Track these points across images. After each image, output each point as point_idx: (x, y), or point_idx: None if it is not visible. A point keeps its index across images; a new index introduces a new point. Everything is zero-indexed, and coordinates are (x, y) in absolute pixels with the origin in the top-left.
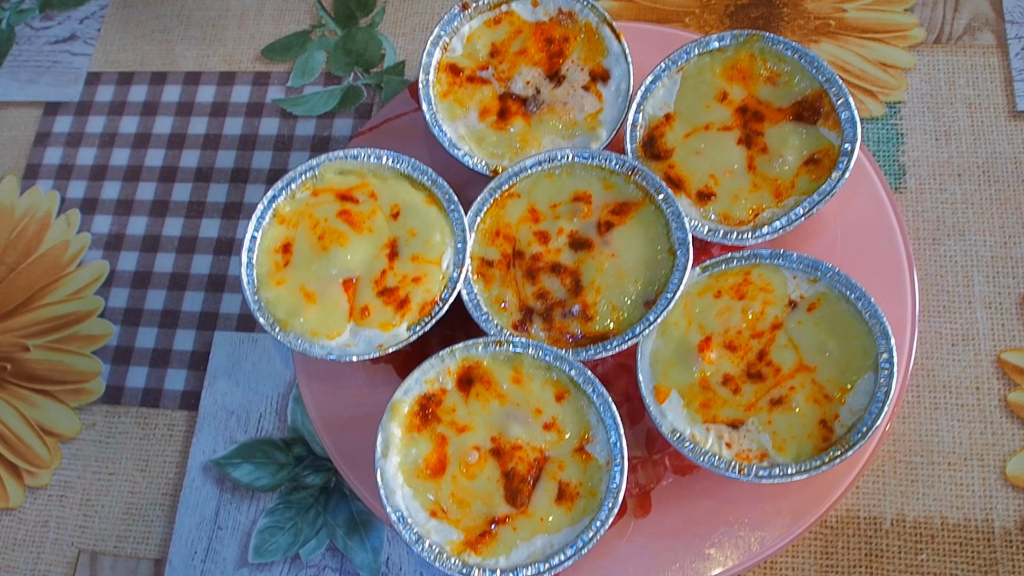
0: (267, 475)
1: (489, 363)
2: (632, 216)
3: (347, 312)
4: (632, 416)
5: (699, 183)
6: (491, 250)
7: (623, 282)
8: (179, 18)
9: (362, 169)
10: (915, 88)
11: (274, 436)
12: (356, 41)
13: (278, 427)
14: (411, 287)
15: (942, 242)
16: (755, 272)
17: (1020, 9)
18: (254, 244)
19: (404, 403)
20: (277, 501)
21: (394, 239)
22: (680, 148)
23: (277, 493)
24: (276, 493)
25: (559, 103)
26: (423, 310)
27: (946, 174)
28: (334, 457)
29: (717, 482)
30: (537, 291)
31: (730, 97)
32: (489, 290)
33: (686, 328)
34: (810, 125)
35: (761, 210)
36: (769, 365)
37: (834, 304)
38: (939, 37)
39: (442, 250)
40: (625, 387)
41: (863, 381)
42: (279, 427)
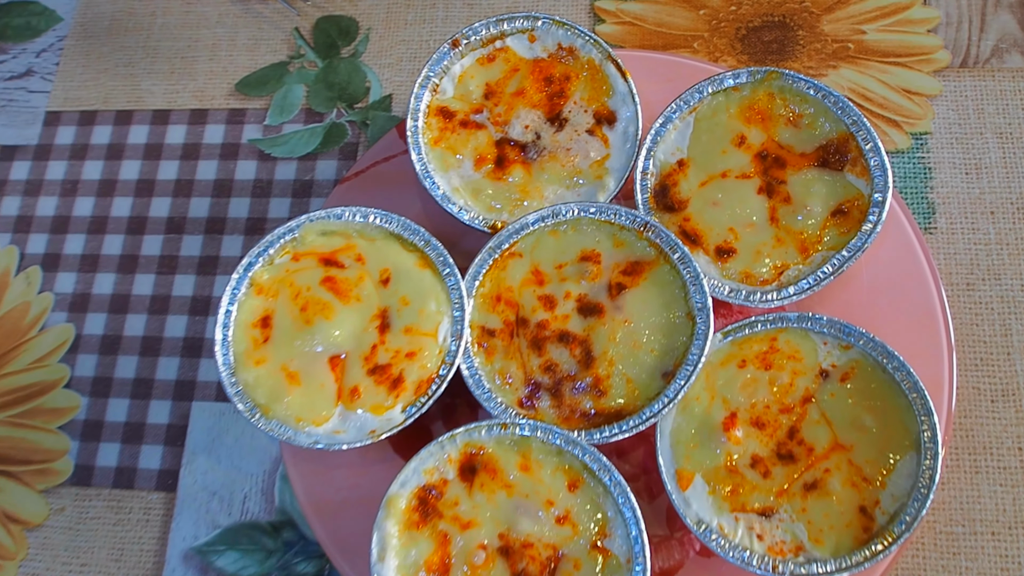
0: (254, 563)
1: (494, 449)
2: (646, 277)
3: (335, 394)
4: (651, 491)
5: (717, 238)
6: (492, 318)
7: (638, 352)
8: (145, 50)
9: (347, 229)
10: (942, 117)
11: (261, 519)
12: (338, 73)
13: (265, 508)
14: (405, 363)
15: (976, 287)
16: (782, 338)
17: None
18: (229, 319)
19: (401, 497)
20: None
21: (385, 309)
22: (696, 199)
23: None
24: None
25: (562, 149)
26: (419, 389)
27: (978, 212)
28: (326, 546)
29: None
30: (544, 363)
31: (748, 141)
32: (491, 363)
33: (709, 403)
34: (836, 172)
35: (786, 267)
36: (801, 444)
37: (870, 373)
38: (965, 60)
39: (438, 320)
40: (643, 458)
41: (905, 462)
42: (266, 508)
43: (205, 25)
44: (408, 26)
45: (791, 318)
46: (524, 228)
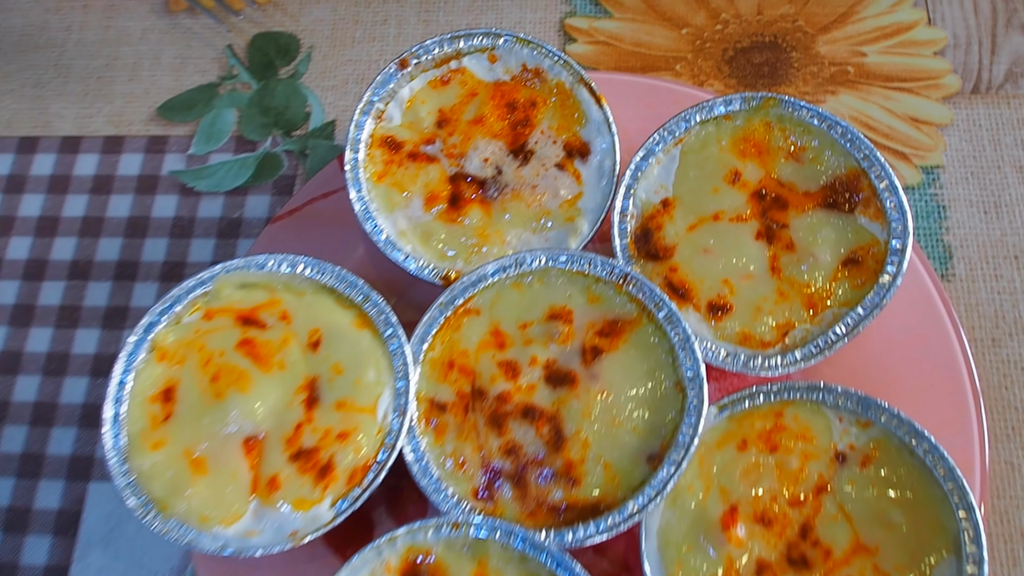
0: None
1: (443, 553)
2: (626, 339)
3: (249, 484)
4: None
5: (710, 291)
6: (443, 388)
7: (618, 431)
8: (57, 68)
9: (271, 282)
10: (955, 149)
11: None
12: (275, 96)
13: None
14: (336, 446)
15: (1003, 343)
16: (789, 413)
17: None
18: (123, 391)
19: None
20: None
21: (313, 378)
22: (684, 245)
23: None
24: None
25: (527, 186)
26: (353, 478)
27: (1000, 256)
28: None
29: None
30: (505, 445)
31: (744, 178)
32: (441, 445)
33: (704, 494)
34: (846, 214)
35: (791, 327)
36: (816, 546)
37: (895, 457)
38: (977, 86)
39: (377, 392)
40: (624, 554)
41: (942, 568)
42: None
43: (126, 41)
44: (356, 44)
45: (799, 388)
46: (482, 280)
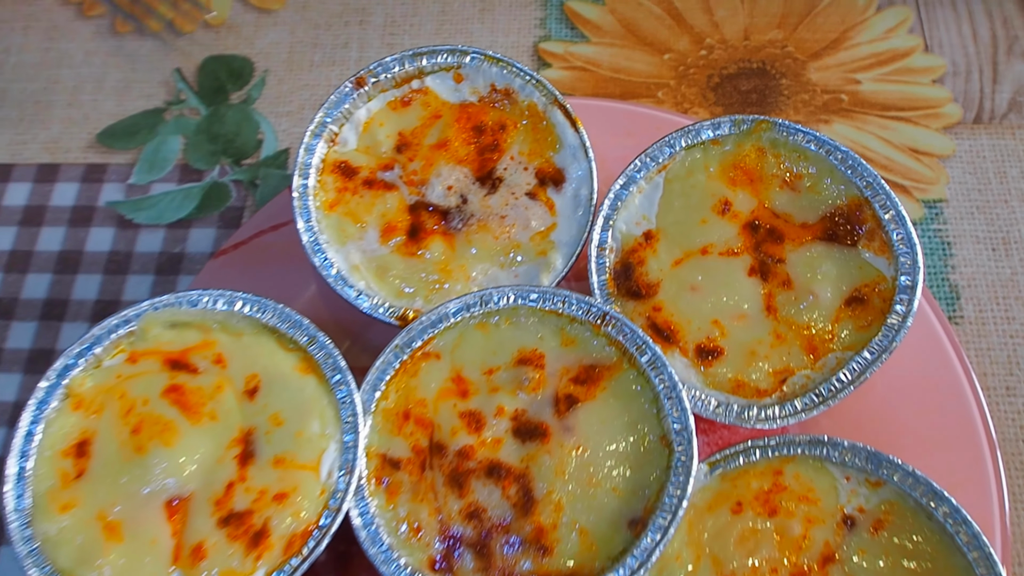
0: None
1: None
2: (604, 387)
3: (171, 553)
4: None
5: (698, 333)
6: (397, 443)
7: (596, 492)
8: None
9: (205, 321)
10: (958, 181)
11: None
12: (225, 123)
13: None
14: (272, 509)
15: (1018, 392)
16: (789, 471)
17: None
18: (30, 444)
19: None
20: None
21: (249, 430)
22: (668, 282)
23: None
24: None
25: (494, 216)
26: (291, 547)
27: (1012, 296)
28: None
29: None
30: (467, 508)
31: (734, 208)
32: (394, 508)
33: (694, 564)
34: (848, 247)
35: (789, 373)
36: None
37: (911, 521)
38: (979, 115)
39: (322, 447)
40: None
41: None
42: None
43: (68, 64)
44: (314, 68)
45: (800, 443)
46: (443, 320)
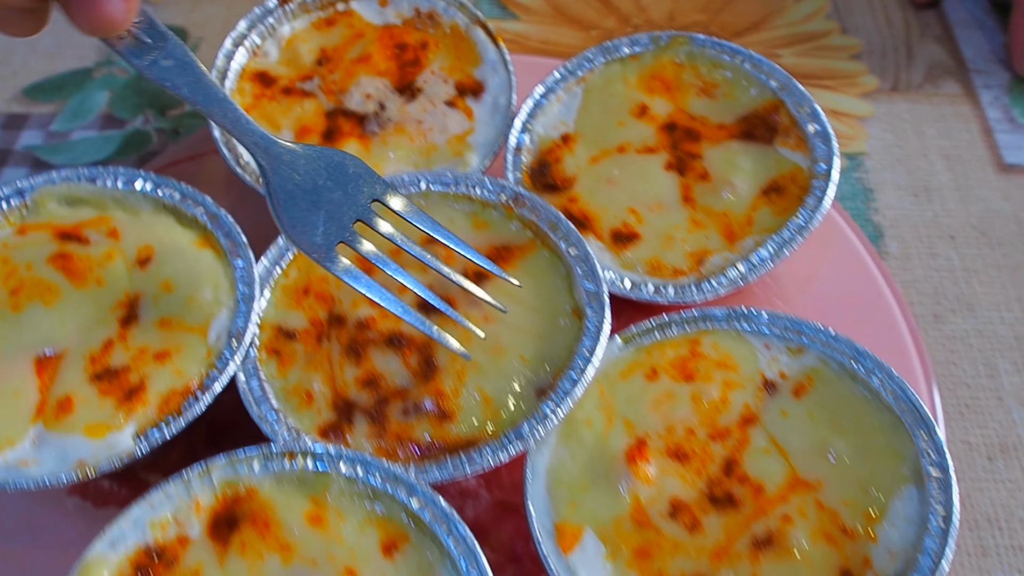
0: None
1: (270, 491)
2: (515, 265)
3: (34, 408)
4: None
5: (614, 220)
6: (294, 315)
7: (502, 360)
8: None
9: (103, 198)
10: (877, 138)
11: None
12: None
13: None
14: (151, 367)
15: (947, 319)
16: (707, 342)
17: (982, 57)
18: None
19: (104, 564)
20: None
21: (135, 295)
22: (584, 176)
23: None
24: None
25: (412, 121)
26: (167, 404)
27: (935, 235)
28: None
29: None
30: (364, 376)
31: (651, 112)
32: (284, 376)
33: (604, 428)
34: (765, 145)
35: (707, 254)
36: (745, 482)
37: (835, 384)
38: (896, 85)
39: (212, 312)
40: (510, 538)
41: (901, 501)
42: None
43: None
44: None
45: (718, 316)
46: None
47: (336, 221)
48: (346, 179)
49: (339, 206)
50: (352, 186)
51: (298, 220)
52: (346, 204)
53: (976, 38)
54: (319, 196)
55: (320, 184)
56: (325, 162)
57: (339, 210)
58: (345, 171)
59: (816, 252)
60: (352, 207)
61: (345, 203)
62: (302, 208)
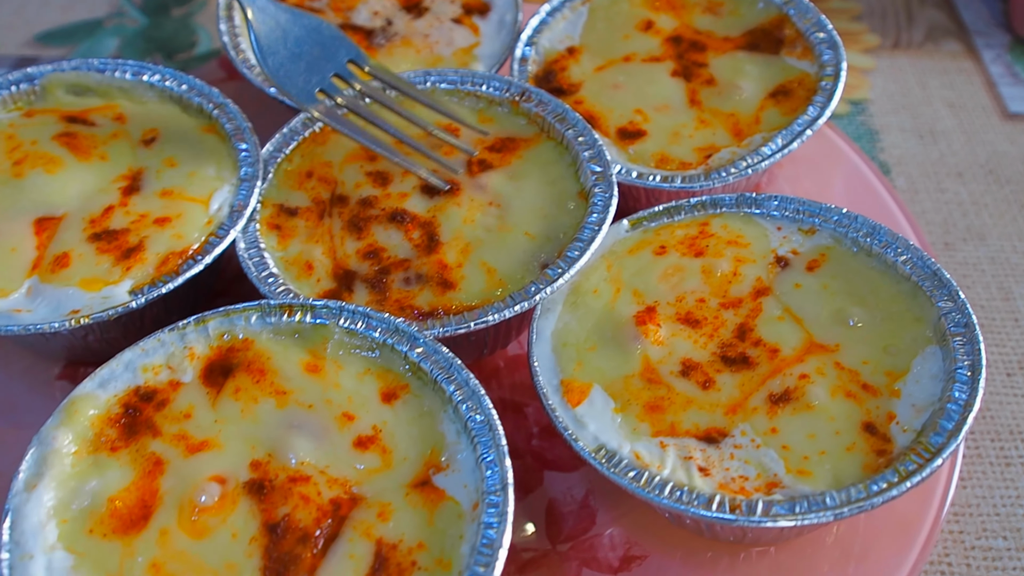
0: None
1: (267, 343)
2: (520, 155)
3: (30, 263)
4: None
5: (620, 119)
6: (296, 195)
7: (507, 236)
8: None
9: (110, 87)
10: (880, 88)
11: None
12: (163, 30)
13: None
14: (151, 231)
15: (958, 248)
16: (716, 223)
17: (982, 21)
18: None
19: (94, 400)
20: None
21: (139, 170)
22: (590, 82)
23: None
24: None
25: (418, 35)
26: (165, 264)
27: (942, 172)
28: None
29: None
30: (365, 248)
31: (657, 26)
32: (285, 248)
33: (612, 296)
34: (771, 55)
35: (714, 150)
36: (758, 345)
37: (849, 259)
38: (897, 43)
39: (215, 187)
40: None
41: (924, 360)
42: None
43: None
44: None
45: (727, 201)
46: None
47: (316, 72)
48: (323, 39)
49: (318, 60)
50: (330, 45)
51: (280, 66)
52: (324, 58)
53: (975, 5)
54: (300, 48)
55: (300, 37)
56: (304, 22)
57: (318, 63)
58: (321, 32)
59: (826, 177)
60: (330, 61)
61: (323, 57)
62: (282, 57)
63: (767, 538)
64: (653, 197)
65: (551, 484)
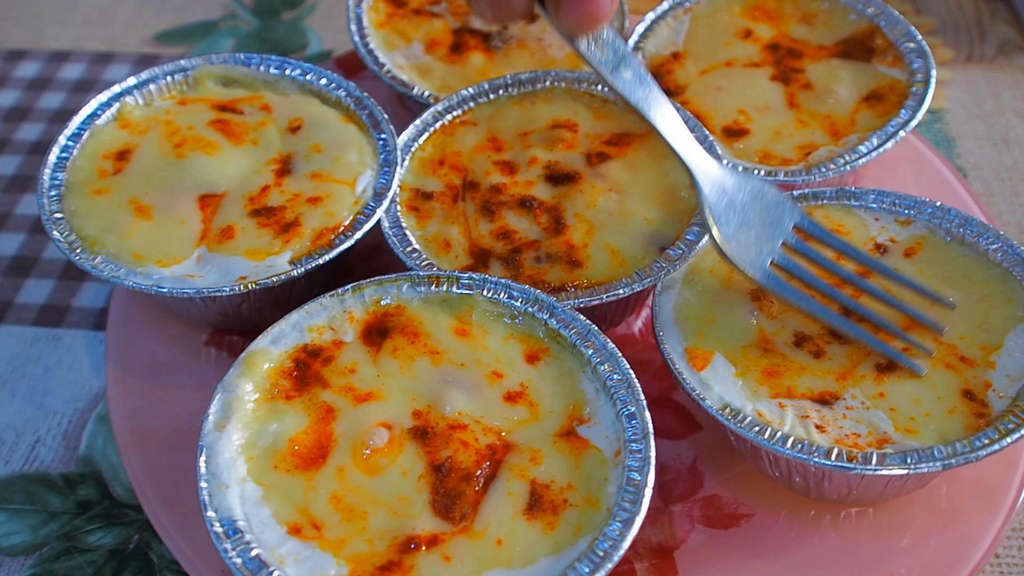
0: (25, 529)
1: (418, 308)
2: (636, 148)
3: (198, 234)
4: None
5: (725, 119)
6: (431, 181)
7: (627, 220)
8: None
9: (255, 80)
10: (955, 98)
11: (52, 470)
12: (274, 32)
13: (62, 457)
14: (305, 208)
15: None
16: (818, 213)
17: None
18: (76, 143)
19: (268, 355)
20: (32, 572)
21: (288, 155)
22: (695, 85)
23: (35, 558)
24: (34, 557)
25: (533, 39)
26: (320, 238)
27: (1016, 178)
28: (140, 487)
29: (783, 535)
30: (497, 230)
31: (755, 34)
32: (424, 228)
33: (727, 274)
34: (863, 63)
35: (814, 148)
36: (863, 322)
37: (943, 247)
38: (970, 56)
39: (359, 171)
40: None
41: (1016, 336)
42: (64, 457)
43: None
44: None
45: (827, 193)
46: (482, 95)
47: (767, 240)
48: (766, 203)
49: (766, 227)
50: (774, 211)
51: (732, 236)
52: (772, 226)
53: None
54: (746, 216)
55: (746, 204)
56: (748, 186)
57: (767, 231)
58: (765, 197)
59: (909, 178)
60: (778, 229)
61: (772, 225)
62: (733, 226)
63: (869, 496)
64: None
65: (661, 451)
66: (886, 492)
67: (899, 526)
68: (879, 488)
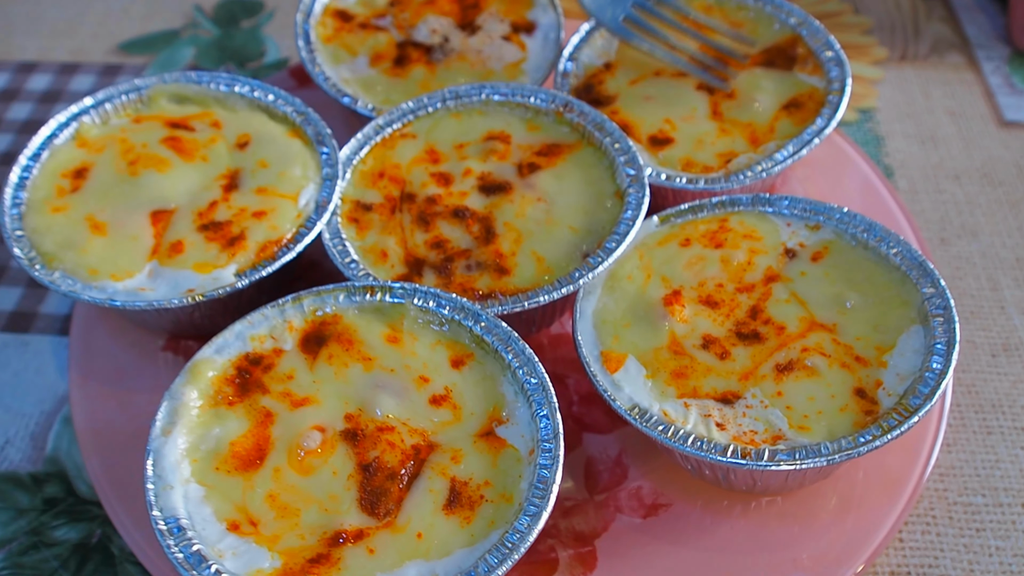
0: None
1: (353, 318)
2: (564, 158)
3: (149, 249)
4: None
5: (651, 128)
6: (371, 193)
7: (553, 229)
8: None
9: (206, 97)
10: (887, 97)
11: (21, 469)
12: (234, 40)
13: (30, 457)
14: (250, 223)
15: (952, 243)
16: (734, 219)
17: (984, 35)
18: (36, 162)
19: (212, 364)
20: (1, 565)
21: (236, 170)
22: (625, 94)
23: (4, 551)
24: (4, 551)
25: (472, 51)
26: (264, 251)
27: (941, 175)
28: (100, 485)
29: (697, 523)
30: (431, 239)
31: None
32: (363, 239)
33: (644, 281)
34: (785, 71)
35: (733, 155)
36: (768, 324)
37: (847, 252)
38: (904, 55)
39: (302, 185)
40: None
41: (908, 337)
42: (31, 457)
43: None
44: None
45: (744, 200)
46: (421, 108)
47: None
48: None
49: None
50: None
51: None
52: None
53: (979, 19)
54: None
55: None
56: None
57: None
58: None
59: (833, 179)
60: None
61: None
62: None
63: (774, 487)
64: (679, 196)
65: (589, 444)
66: (788, 483)
67: (804, 514)
68: (781, 480)
